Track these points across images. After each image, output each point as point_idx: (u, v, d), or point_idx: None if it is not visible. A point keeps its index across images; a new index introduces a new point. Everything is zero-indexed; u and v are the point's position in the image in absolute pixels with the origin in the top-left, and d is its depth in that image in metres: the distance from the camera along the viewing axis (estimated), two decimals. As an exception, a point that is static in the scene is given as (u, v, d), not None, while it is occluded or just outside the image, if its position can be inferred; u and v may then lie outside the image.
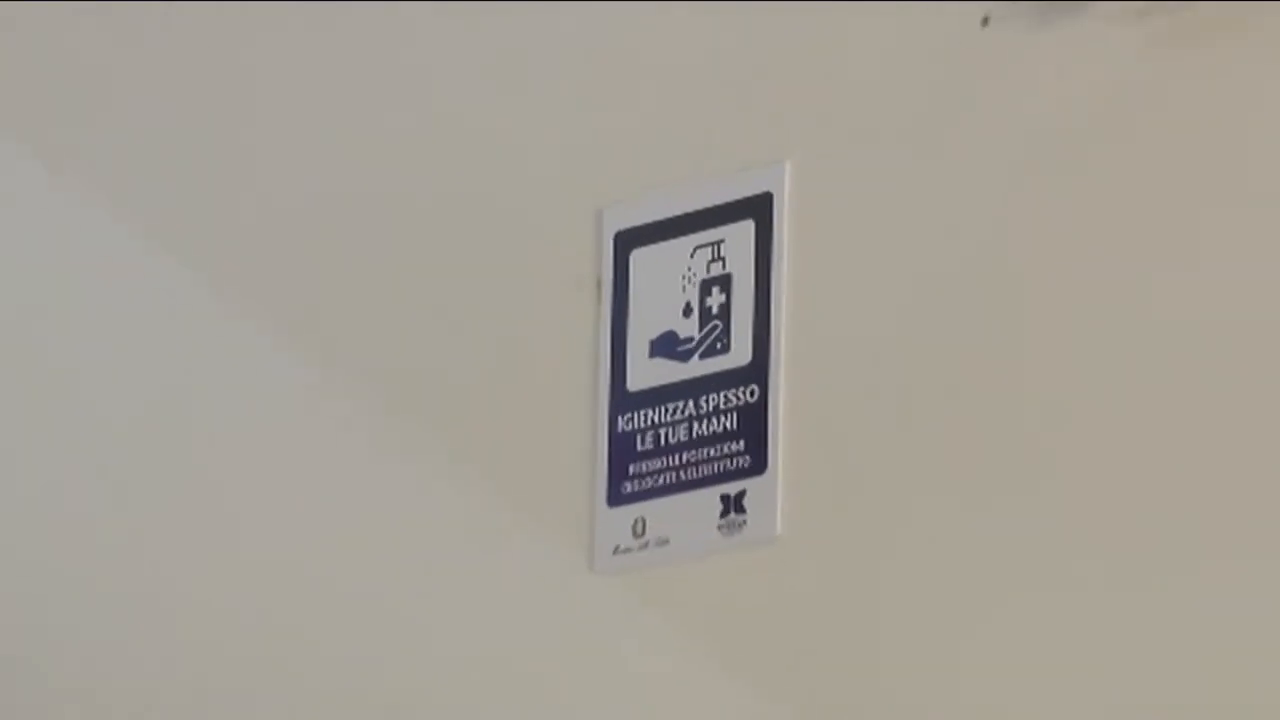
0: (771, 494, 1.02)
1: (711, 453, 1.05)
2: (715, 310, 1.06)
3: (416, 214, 1.19)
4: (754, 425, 1.03)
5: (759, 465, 1.02)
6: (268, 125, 1.36)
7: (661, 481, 1.06)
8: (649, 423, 1.08)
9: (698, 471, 1.05)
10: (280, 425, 1.30)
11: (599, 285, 1.10)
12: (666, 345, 1.08)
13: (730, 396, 1.04)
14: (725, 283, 1.05)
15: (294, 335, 1.25)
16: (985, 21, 0.96)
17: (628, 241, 1.09)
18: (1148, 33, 0.93)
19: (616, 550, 1.08)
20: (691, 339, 1.07)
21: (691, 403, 1.06)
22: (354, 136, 1.28)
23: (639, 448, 1.07)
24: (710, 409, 1.05)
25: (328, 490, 1.23)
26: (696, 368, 1.06)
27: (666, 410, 1.07)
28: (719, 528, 1.05)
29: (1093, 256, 0.93)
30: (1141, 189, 0.93)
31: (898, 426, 1.02)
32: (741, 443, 1.03)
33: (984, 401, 0.97)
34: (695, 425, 1.05)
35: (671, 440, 1.06)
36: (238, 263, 1.32)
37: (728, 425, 1.04)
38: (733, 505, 1.03)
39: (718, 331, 1.07)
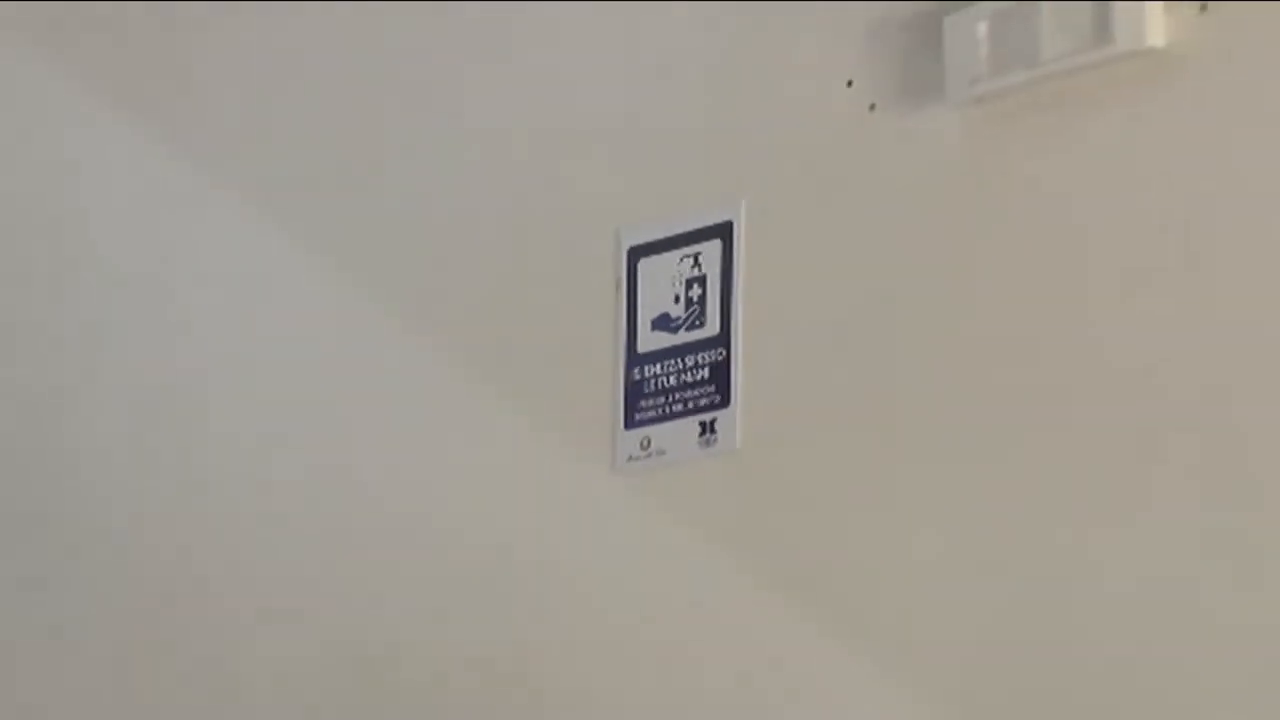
0: (733, 421, 1.46)
1: (692, 394, 1.49)
2: (695, 299, 1.49)
3: (503, 230, 1.65)
4: (721, 375, 1.47)
5: (725, 402, 1.45)
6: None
7: (660, 413, 1.50)
8: (652, 374, 1.52)
9: (684, 406, 1.49)
10: (393, 368, 1.75)
11: (618, 284, 1.54)
12: (663, 323, 1.51)
13: (705, 356, 1.48)
14: (701, 281, 1.48)
15: (410, 309, 1.70)
16: (872, 107, 1.38)
17: (636, 253, 1.53)
18: (986, 112, 1.34)
19: (630, 459, 1.52)
20: (679, 318, 1.51)
21: (679, 360, 1.49)
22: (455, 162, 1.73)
23: (645, 391, 1.51)
24: (692, 364, 1.49)
25: (434, 416, 1.69)
26: (682, 337, 1.50)
27: (663, 365, 1.51)
28: (698, 443, 1.49)
29: (953, 263, 1.35)
30: (983, 229, 1.35)
31: (822, 376, 1.44)
32: (713, 387, 1.46)
33: (884, 357, 1.40)
34: (682, 375, 1.49)
35: (666, 385, 1.50)
36: (372, 251, 1.78)
37: (703, 375, 1.47)
38: (708, 428, 1.46)
39: (696, 313, 1.49)
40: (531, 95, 1.67)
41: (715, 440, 1.47)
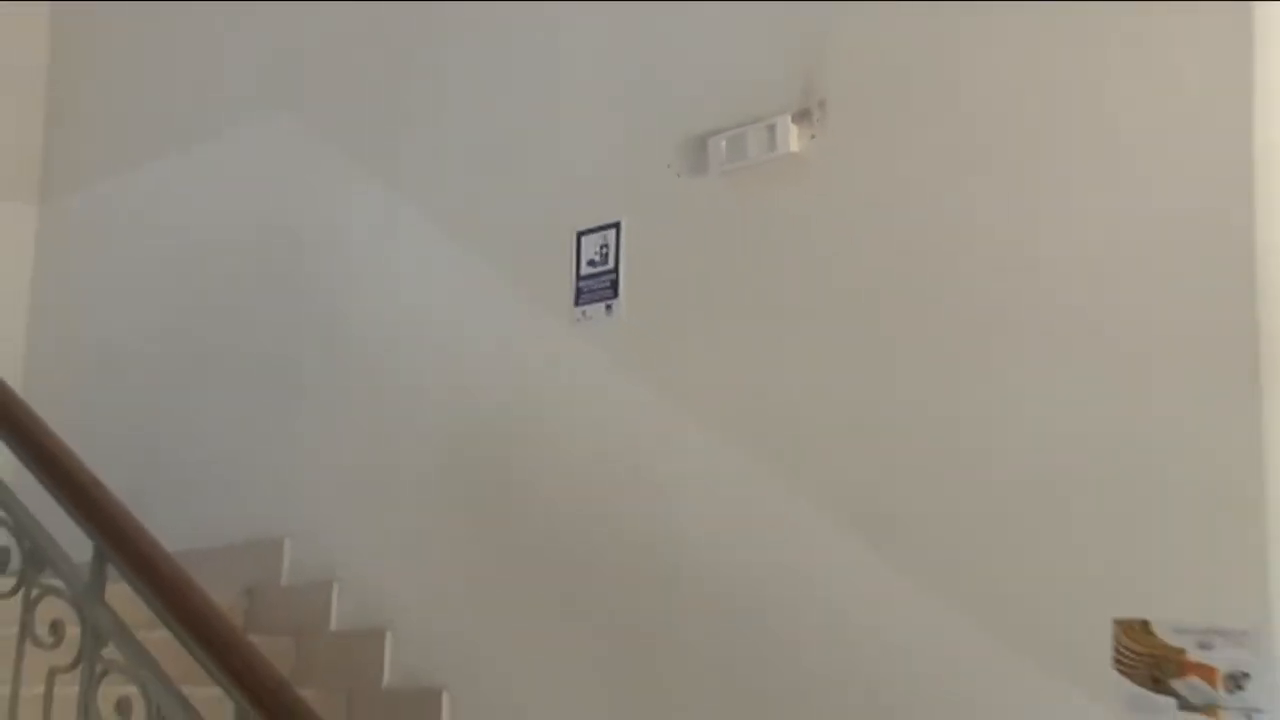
0: (621, 305, 3.33)
1: (602, 292, 3.38)
2: (604, 255, 3.41)
3: (506, 219, 3.50)
4: (613, 284, 3.36)
5: (615, 295, 3.34)
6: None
7: (590, 299, 3.38)
8: (586, 285, 3.43)
9: (599, 297, 3.37)
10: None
11: (576, 248, 3.40)
12: (591, 264, 3.45)
13: (607, 279, 3.38)
14: (607, 247, 3.40)
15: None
16: (679, 175, 3.22)
17: (581, 234, 3.42)
18: (729, 181, 3.17)
19: (576, 321, 3.41)
20: (597, 261, 3.42)
21: (597, 279, 3.39)
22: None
23: (583, 290, 3.41)
24: (603, 281, 3.37)
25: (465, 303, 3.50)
26: (598, 269, 3.42)
27: (591, 281, 3.39)
28: (605, 315, 3.36)
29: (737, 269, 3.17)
30: (737, 232, 3.17)
31: (670, 285, 3.24)
32: (610, 290, 3.35)
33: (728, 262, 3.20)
34: (597, 284, 3.38)
35: (592, 289, 3.40)
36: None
37: (606, 284, 3.37)
38: (609, 309, 3.34)
39: (604, 260, 3.39)
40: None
41: (613, 312, 3.32)
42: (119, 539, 2.52)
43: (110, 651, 2.51)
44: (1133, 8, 2.58)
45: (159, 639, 2.47)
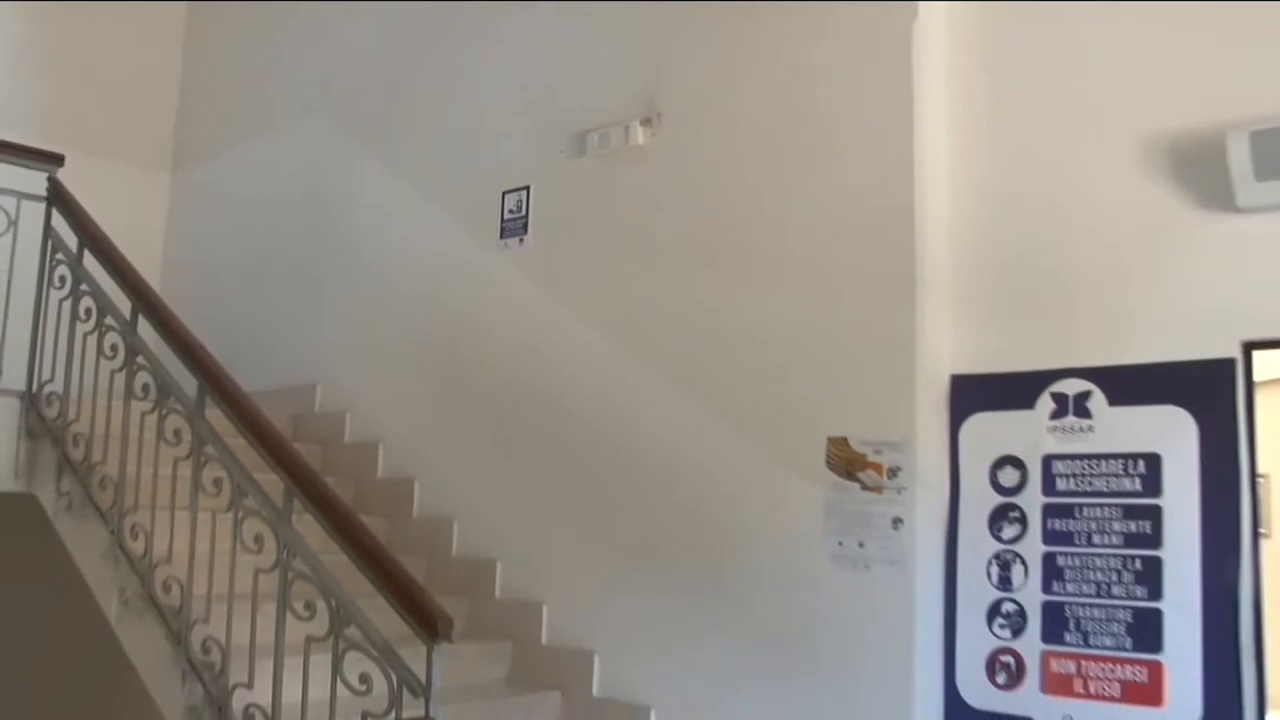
0: (530, 239, 4.82)
1: (517, 231, 4.84)
2: (520, 208, 4.88)
3: (468, 158, 4.96)
4: (524, 224, 4.84)
5: (525, 231, 4.84)
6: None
7: (509, 234, 4.88)
8: (508, 227, 4.87)
9: (512, 232, 4.86)
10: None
11: (501, 207, 4.84)
12: (510, 214, 4.88)
13: (521, 223, 4.83)
14: (520, 203, 4.83)
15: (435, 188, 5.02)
16: (563, 153, 4.64)
17: (505, 194, 4.89)
18: (596, 163, 4.60)
19: (500, 248, 4.86)
20: (515, 212, 4.88)
21: (515, 224, 4.84)
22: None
23: (505, 230, 4.88)
24: (517, 224, 4.81)
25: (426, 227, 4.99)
26: (518, 217, 4.86)
27: (510, 225, 4.87)
28: (519, 243, 4.84)
29: (605, 204, 4.64)
30: (602, 202, 4.63)
31: (556, 228, 4.74)
32: (524, 229, 4.83)
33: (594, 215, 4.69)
34: (514, 225, 4.85)
35: (511, 229, 4.88)
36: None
37: (521, 224, 4.88)
38: (521, 240, 4.80)
39: (520, 211, 4.87)
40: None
41: (524, 244, 4.78)
42: (214, 380, 3.67)
43: (209, 450, 3.58)
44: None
45: (237, 445, 3.58)
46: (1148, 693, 3.30)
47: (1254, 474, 3.28)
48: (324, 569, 3.22)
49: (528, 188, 4.90)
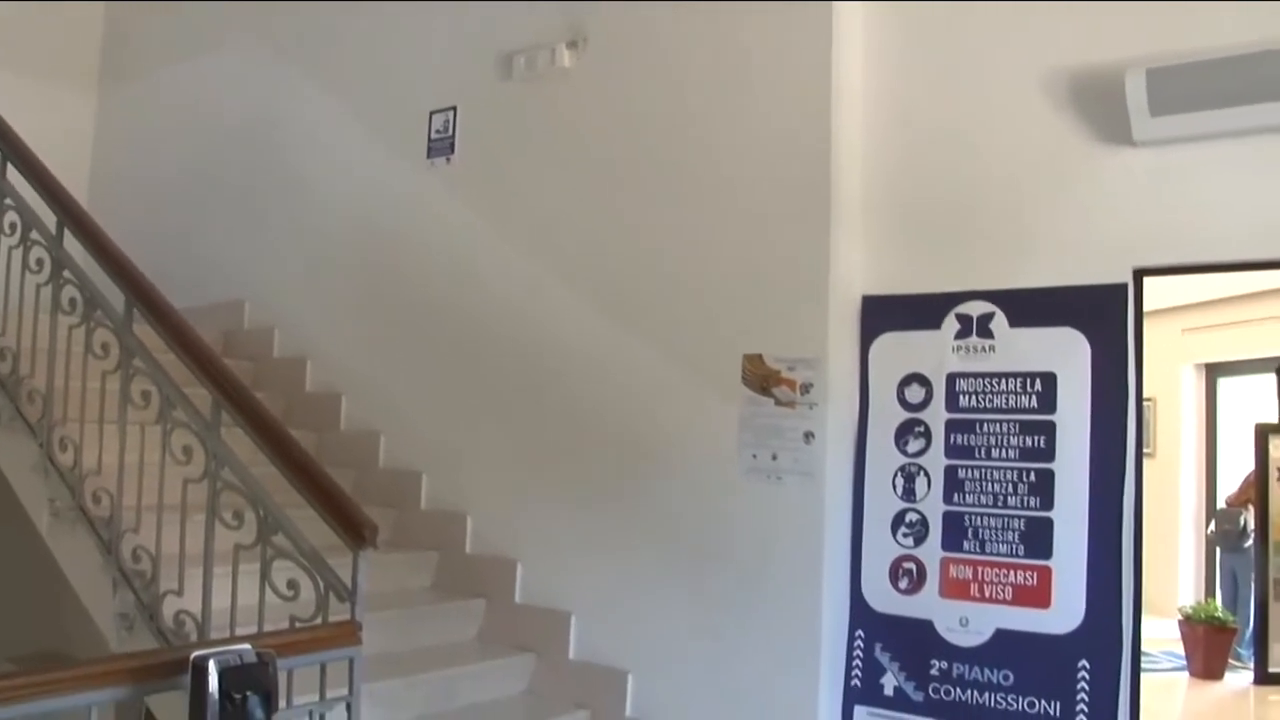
0: (455, 157, 4.82)
1: (443, 150, 4.82)
2: (447, 128, 4.85)
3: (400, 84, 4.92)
4: (451, 144, 4.80)
5: (453, 151, 4.82)
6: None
7: (437, 153, 4.85)
8: (435, 147, 4.83)
9: (437, 150, 4.81)
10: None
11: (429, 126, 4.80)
12: (436, 133, 4.85)
13: (448, 143, 4.80)
14: (447, 123, 4.78)
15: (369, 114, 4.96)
16: (491, 75, 4.61)
17: (432, 114, 4.85)
18: (526, 87, 4.58)
19: (427, 166, 4.83)
20: (442, 131, 4.86)
21: (442, 144, 4.82)
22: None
23: (433, 150, 4.87)
24: (446, 144, 4.80)
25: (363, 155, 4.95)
26: (444, 137, 4.82)
27: (437, 145, 4.86)
28: (446, 162, 4.83)
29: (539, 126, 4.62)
30: (532, 123, 4.60)
31: (487, 144, 4.71)
32: (450, 148, 4.80)
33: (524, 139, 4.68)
34: (440, 146, 4.82)
35: (438, 149, 4.87)
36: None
37: (448, 144, 4.84)
38: (447, 160, 4.77)
39: (447, 131, 4.84)
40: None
41: (451, 161, 4.75)
42: (141, 294, 3.59)
43: (137, 363, 3.54)
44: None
45: (167, 360, 3.54)
46: (1037, 595, 3.47)
47: (1140, 393, 3.43)
48: (252, 479, 3.25)
49: (454, 108, 4.87)
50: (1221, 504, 8.51)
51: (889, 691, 3.68)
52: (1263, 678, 7.21)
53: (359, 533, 3.08)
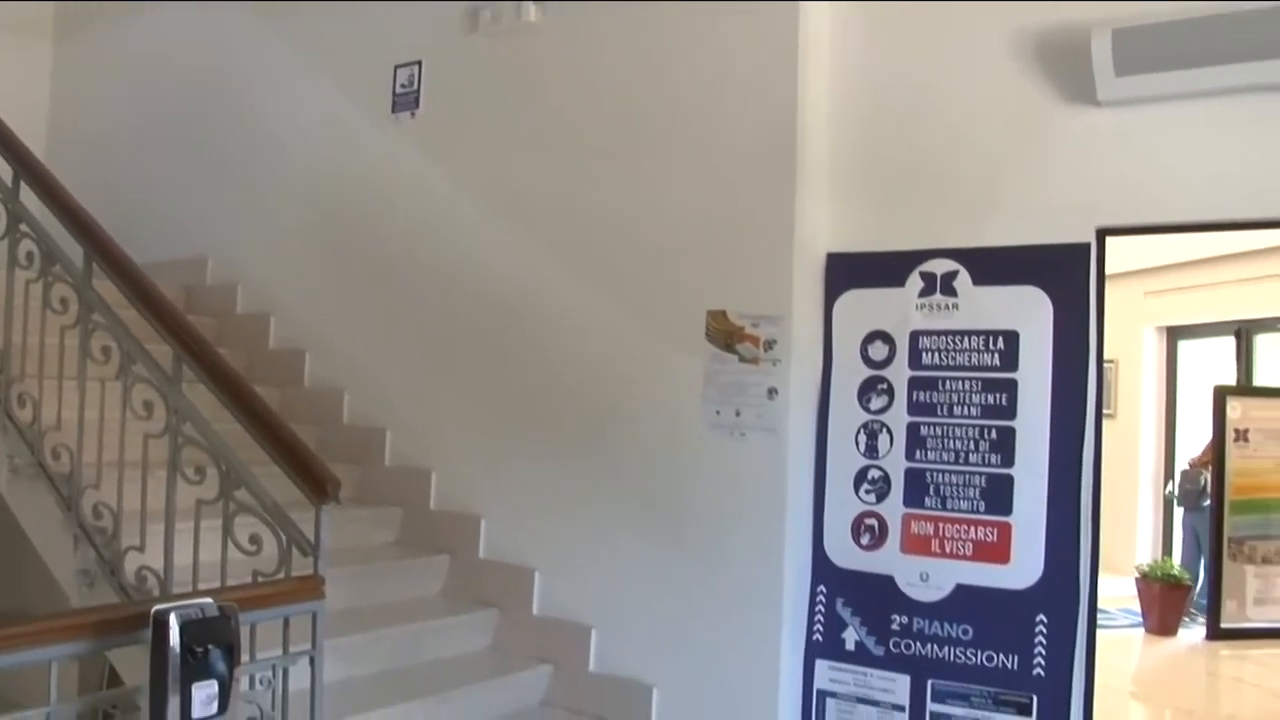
0: (420, 112, 4.78)
1: (408, 106, 4.72)
2: (412, 82, 4.79)
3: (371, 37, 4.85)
4: (417, 99, 4.75)
5: (418, 106, 4.74)
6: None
7: (400, 109, 4.76)
8: (399, 102, 4.77)
9: (403, 106, 4.71)
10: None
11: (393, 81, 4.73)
12: (401, 88, 4.77)
13: (412, 99, 4.77)
14: (412, 77, 4.73)
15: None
16: (456, 29, 4.55)
17: (397, 68, 4.78)
18: (492, 40, 4.53)
19: (392, 122, 4.74)
20: (407, 85, 4.81)
21: (407, 99, 4.77)
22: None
23: (397, 105, 4.79)
24: (411, 98, 4.72)
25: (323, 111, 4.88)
26: (409, 91, 4.79)
27: (402, 100, 4.79)
28: (410, 116, 4.77)
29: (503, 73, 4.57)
30: (498, 73, 4.55)
31: (450, 101, 4.65)
32: (415, 103, 4.72)
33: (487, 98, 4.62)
34: (404, 101, 4.76)
35: (403, 104, 4.78)
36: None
37: (412, 99, 4.80)
38: (411, 114, 4.73)
39: (414, 89, 4.77)
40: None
41: (416, 116, 4.70)
42: (100, 247, 3.53)
43: (97, 318, 3.47)
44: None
45: (128, 316, 3.47)
46: (997, 551, 3.51)
47: (1101, 351, 3.46)
48: (214, 434, 3.22)
49: (419, 62, 4.81)
50: (1185, 465, 8.61)
51: (850, 646, 3.72)
52: (1215, 633, 7.33)
53: (321, 487, 3.06)
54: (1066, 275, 3.49)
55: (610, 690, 4.00)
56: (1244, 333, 8.48)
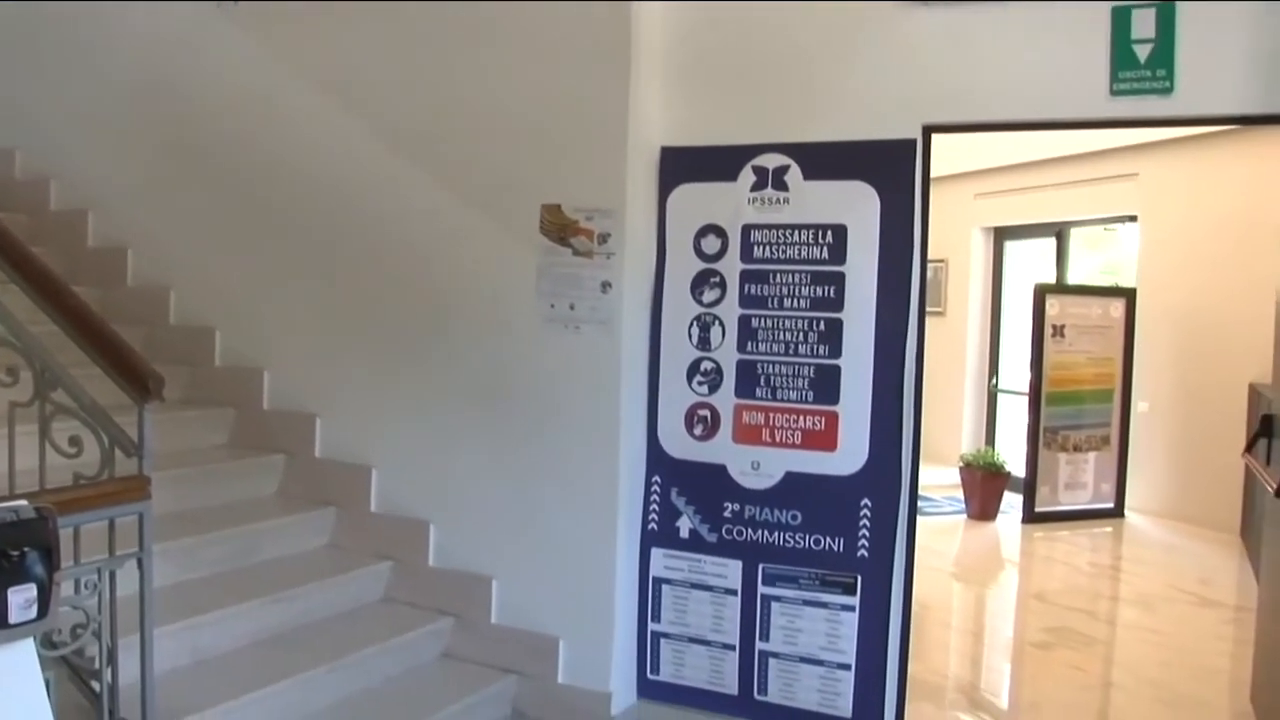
0: (241, 10, 4.42)
1: (235, 1, 4.43)
2: None
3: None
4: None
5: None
6: None
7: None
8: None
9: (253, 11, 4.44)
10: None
11: None
12: None
13: None
14: None
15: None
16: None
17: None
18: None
19: (217, 9, 4.48)
20: None
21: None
22: None
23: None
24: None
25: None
26: None
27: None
28: (234, 3, 4.44)
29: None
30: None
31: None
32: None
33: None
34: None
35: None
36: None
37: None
38: (235, 2, 4.43)
39: None
40: None
41: (239, 3, 4.41)
42: None
43: None
44: None
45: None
46: (824, 439, 3.60)
47: (925, 244, 3.54)
48: (29, 334, 3.06)
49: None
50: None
51: (684, 534, 3.79)
52: (1030, 517, 7.74)
53: (143, 384, 2.93)
54: (893, 171, 3.54)
55: (450, 583, 4.01)
56: (1062, 234, 8.82)
